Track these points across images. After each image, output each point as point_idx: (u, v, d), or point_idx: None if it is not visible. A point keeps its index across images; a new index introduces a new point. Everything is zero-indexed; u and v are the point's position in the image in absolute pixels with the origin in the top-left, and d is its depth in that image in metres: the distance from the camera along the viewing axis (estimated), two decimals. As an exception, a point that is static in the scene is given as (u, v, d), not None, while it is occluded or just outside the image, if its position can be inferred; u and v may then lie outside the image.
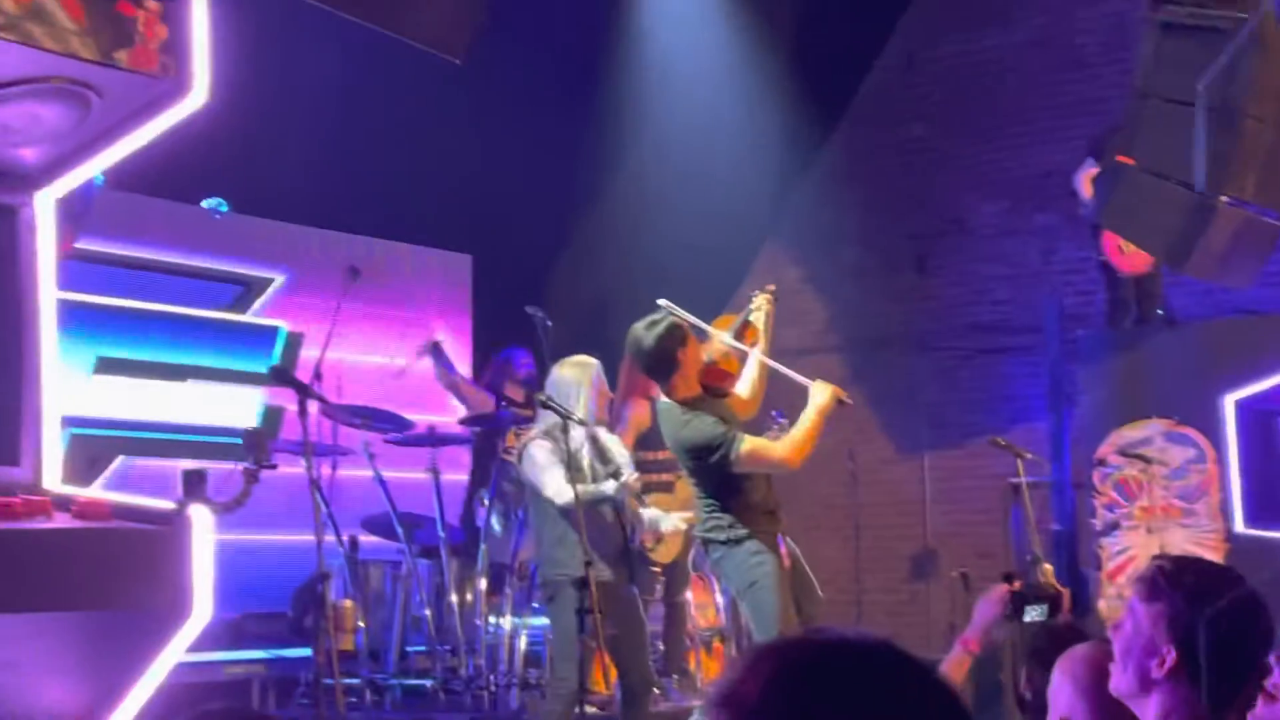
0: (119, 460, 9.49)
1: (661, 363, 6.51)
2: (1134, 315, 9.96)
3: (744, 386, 6.83)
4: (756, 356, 6.78)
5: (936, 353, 11.96)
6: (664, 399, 6.57)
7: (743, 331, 6.85)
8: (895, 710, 1.59)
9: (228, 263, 10.17)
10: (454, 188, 10.41)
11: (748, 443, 6.39)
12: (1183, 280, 9.86)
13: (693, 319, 6.69)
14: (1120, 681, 2.86)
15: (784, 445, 6.48)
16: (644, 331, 6.52)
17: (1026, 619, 4.75)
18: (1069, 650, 3.35)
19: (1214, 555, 9.18)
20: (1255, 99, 8.23)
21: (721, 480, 6.41)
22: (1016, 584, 4.87)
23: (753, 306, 6.97)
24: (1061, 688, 3.21)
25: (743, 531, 6.39)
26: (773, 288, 7.14)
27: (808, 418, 6.50)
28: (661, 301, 6.74)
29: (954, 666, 4.60)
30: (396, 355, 10.61)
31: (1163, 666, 2.79)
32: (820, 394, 6.54)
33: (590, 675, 6.71)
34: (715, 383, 6.70)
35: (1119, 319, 9.98)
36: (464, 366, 11.14)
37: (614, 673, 7.28)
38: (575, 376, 6.87)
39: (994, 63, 12.14)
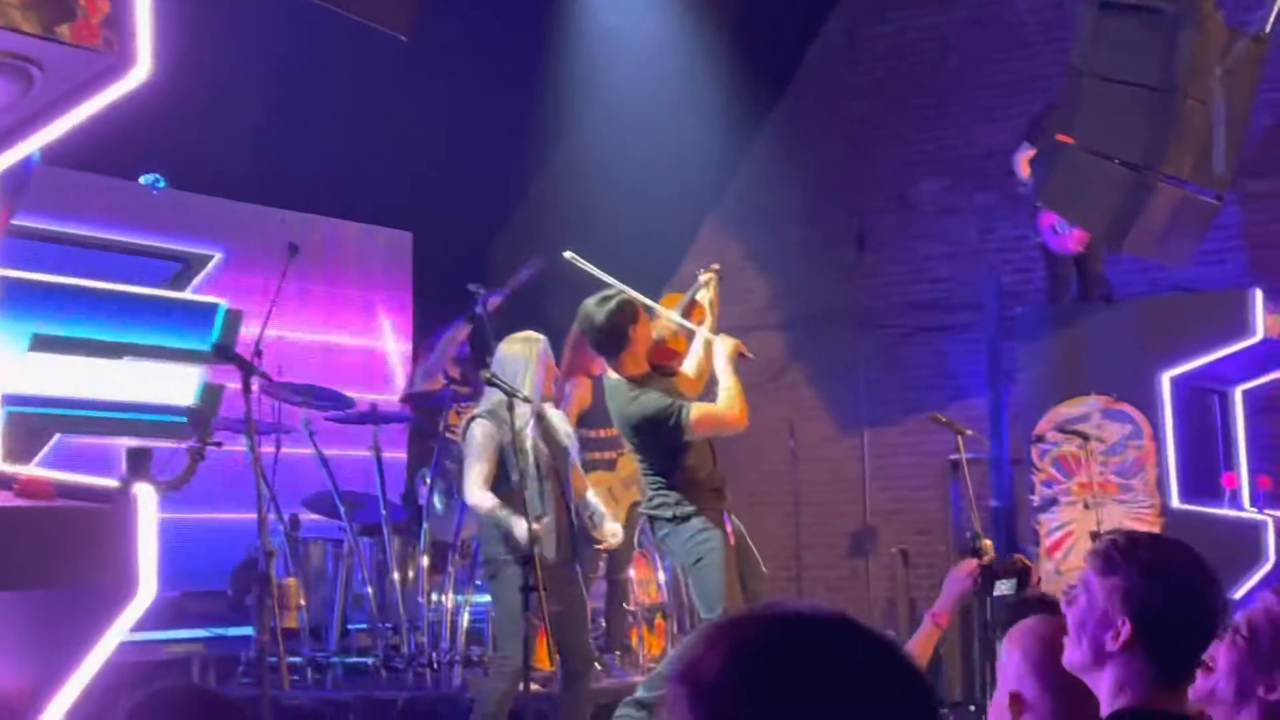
0: (56, 438, 9.40)
1: (612, 339, 6.51)
2: (1075, 293, 10.04)
3: (690, 365, 6.84)
4: (704, 335, 6.79)
5: (877, 330, 12.01)
6: (611, 375, 6.58)
7: (689, 310, 6.86)
8: (855, 683, 1.59)
9: (166, 239, 10.09)
10: (394, 164, 10.37)
11: (696, 409, 6.44)
12: (1121, 258, 9.95)
13: (639, 295, 6.69)
14: (1074, 655, 2.88)
15: (725, 405, 6.51)
16: (595, 307, 6.52)
17: (996, 593, 4.78)
18: (1019, 623, 3.37)
19: (1150, 529, 9.29)
20: (1194, 80, 8.30)
21: (669, 456, 6.43)
22: (985, 558, 4.91)
23: (699, 284, 6.97)
24: (1010, 660, 3.21)
25: (689, 508, 6.42)
26: (718, 266, 7.16)
27: (727, 374, 6.55)
28: (567, 254, 6.75)
29: (923, 640, 4.62)
30: (360, 336, 10.62)
31: (1117, 640, 2.81)
32: (724, 348, 6.61)
33: (534, 653, 6.72)
34: (663, 361, 6.71)
35: (1059, 297, 10.05)
36: (405, 344, 11.12)
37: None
38: (522, 353, 6.83)
39: (935, 40, 12.18)
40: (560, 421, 6.99)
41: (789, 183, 12.45)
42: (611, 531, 7.24)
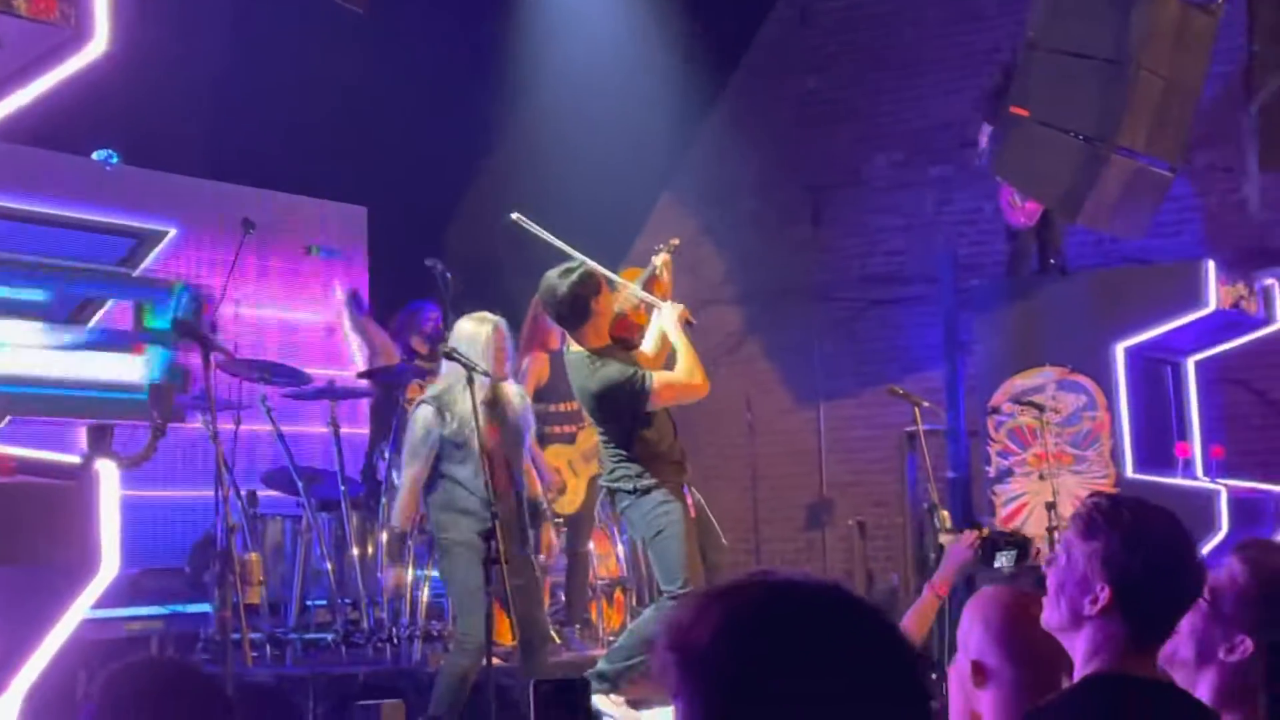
0: (6, 421, 9.32)
1: (574, 310, 6.51)
2: (1034, 266, 10.08)
3: (649, 344, 6.84)
4: (665, 312, 6.79)
5: (832, 303, 12.04)
6: (573, 348, 6.59)
7: (649, 285, 6.87)
8: (847, 652, 1.59)
9: (119, 215, 10.00)
10: (349, 139, 10.31)
11: (659, 377, 6.48)
12: (1075, 230, 10.01)
13: (598, 266, 6.69)
14: (1052, 616, 2.90)
15: (685, 371, 6.54)
16: (557, 279, 6.52)
17: (996, 564, 4.81)
18: (979, 591, 3.38)
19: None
20: (1148, 50, 8.35)
21: (630, 428, 6.45)
22: (985, 530, 4.95)
23: (657, 261, 6.97)
24: (972, 630, 3.22)
25: (650, 481, 6.44)
26: (676, 241, 7.16)
27: (680, 340, 6.59)
28: (514, 216, 6.75)
29: (923, 610, 4.64)
30: (317, 312, 10.57)
31: (1095, 604, 2.83)
32: (671, 314, 6.66)
33: (495, 628, 6.72)
34: (624, 334, 6.72)
35: (1019, 269, 10.10)
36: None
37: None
38: (474, 331, 6.83)
39: (889, 14, 12.20)
40: (517, 399, 6.99)
41: (744, 157, 12.45)
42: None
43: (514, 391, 7.01)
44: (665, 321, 6.65)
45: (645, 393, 6.39)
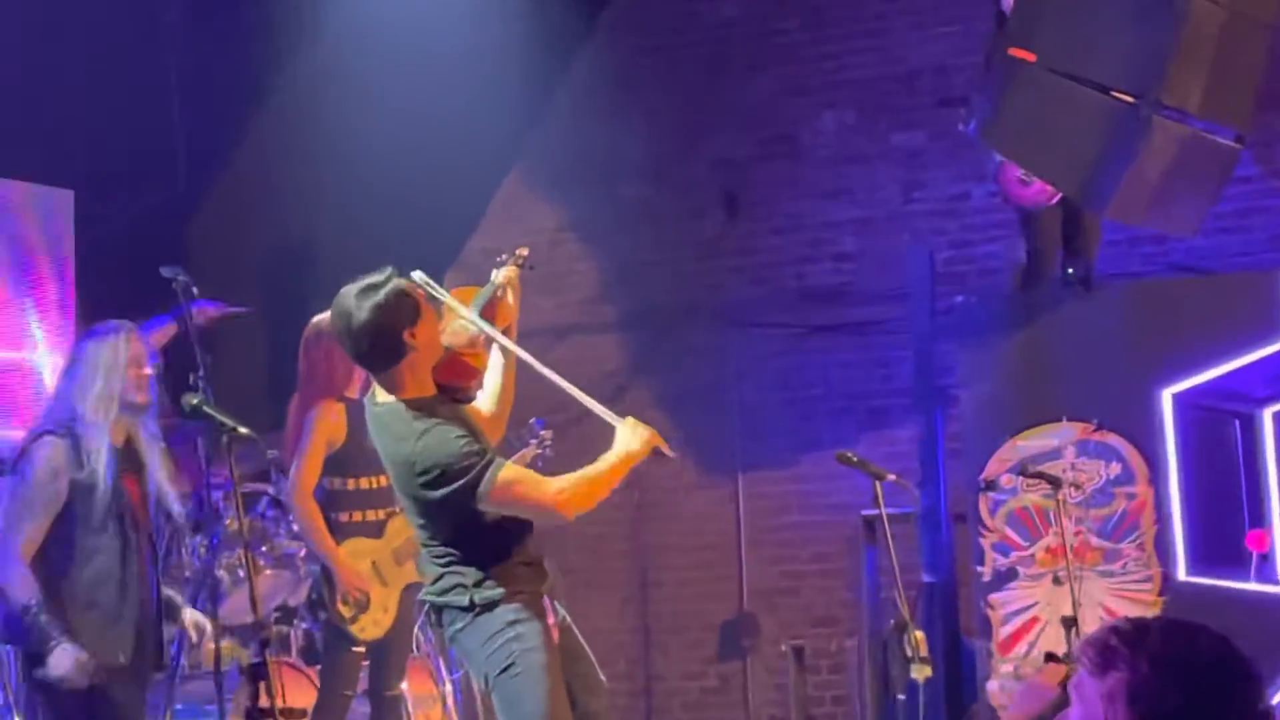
0: None
1: (380, 345, 6.45)
2: (1058, 273, 10.08)
3: (488, 398, 6.81)
4: (511, 350, 6.78)
5: (755, 330, 12.08)
6: (381, 398, 6.56)
7: (489, 311, 6.85)
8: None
9: None
10: (50, 101, 10.37)
11: (507, 470, 6.39)
12: (1103, 226, 10.12)
13: (427, 282, 6.68)
14: None
15: (562, 484, 6.50)
16: (355, 300, 6.47)
17: None
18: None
19: (1147, 613, 9.46)
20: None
21: (463, 519, 6.41)
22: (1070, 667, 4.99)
23: (498, 277, 6.95)
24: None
25: (494, 592, 6.40)
26: (525, 251, 7.15)
27: (608, 462, 6.57)
28: (417, 275, 6.70)
29: None
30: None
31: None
32: (632, 438, 6.64)
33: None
34: (455, 381, 6.67)
35: (1037, 278, 10.10)
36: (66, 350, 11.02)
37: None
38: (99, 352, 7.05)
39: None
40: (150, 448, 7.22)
41: (626, 119, 12.46)
42: (193, 622, 7.43)
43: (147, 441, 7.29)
44: (623, 444, 6.63)
45: (477, 493, 6.33)
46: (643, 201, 12.49)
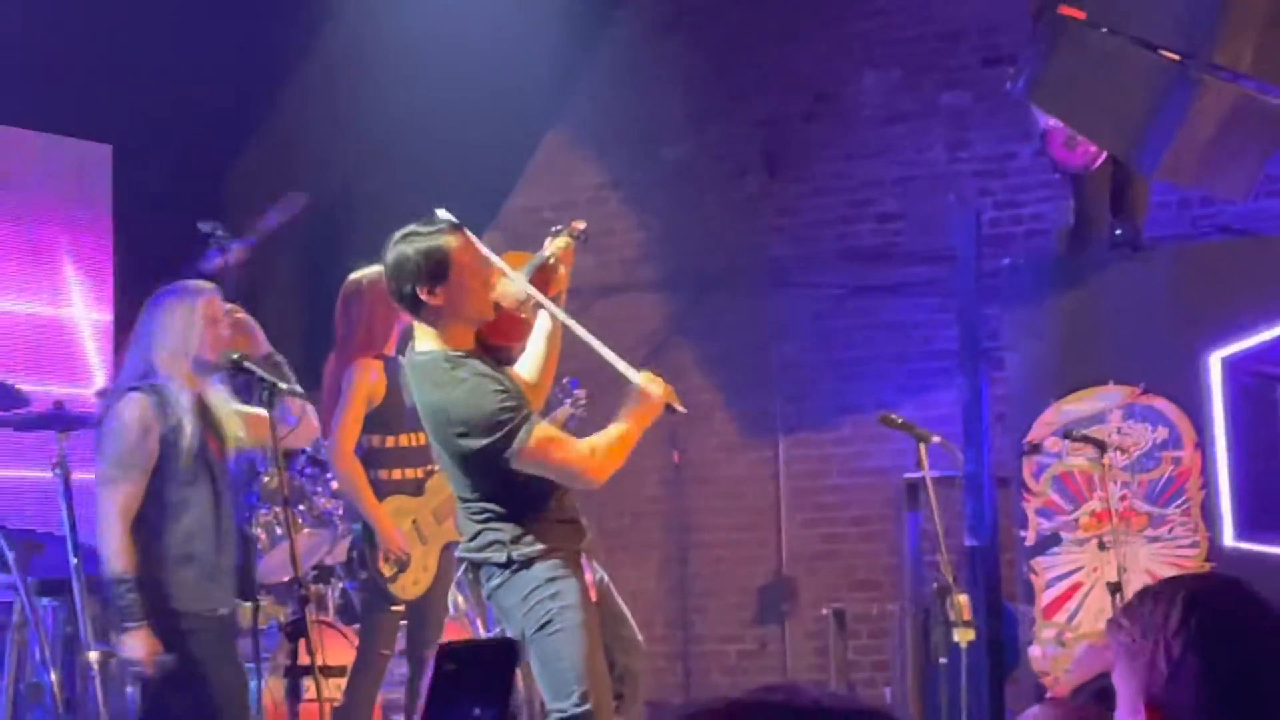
0: None
1: (404, 295, 6.46)
2: (1105, 234, 10.07)
3: (531, 366, 6.81)
4: (557, 318, 6.76)
5: (796, 291, 12.08)
6: (421, 347, 6.53)
7: (538, 277, 6.81)
8: None
9: None
10: (89, 55, 10.37)
11: (541, 430, 6.39)
12: (1150, 187, 10.07)
13: (481, 245, 6.67)
14: None
15: (590, 447, 6.50)
16: (402, 242, 6.48)
17: None
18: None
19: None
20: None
21: (497, 474, 6.40)
22: None
23: (552, 248, 6.89)
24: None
25: (532, 549, 6.40)
26: (581, 225, 7.11)
27: (625, 421, 6.56)
28: (440, 213, 6.68)
29: None
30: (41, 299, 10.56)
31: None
32: (648, 394, 6.62)
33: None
34: (500, 339, 6.65)
35: (1082, 242, 10.09)
36: (104, 311, 11.03)
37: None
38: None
39: None
40: (223, 408, 7.28)
41: (667, 78, 12.47)
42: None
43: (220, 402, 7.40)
44: (640, 400, 6.62)
45: (508, 451, 6.32)
46: (683, 161, 12.49)
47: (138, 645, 7.12)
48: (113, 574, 7.15)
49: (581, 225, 7.08)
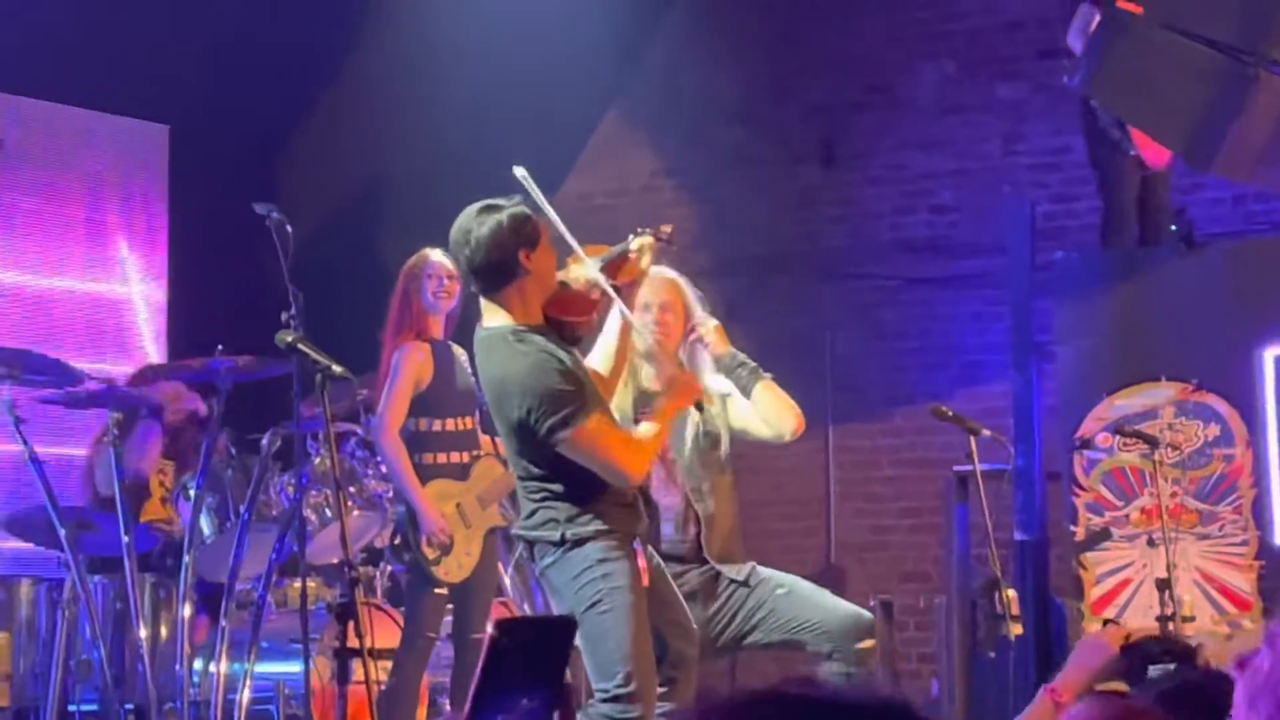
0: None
1: (494, 263, 6.47)
2: (1135, 231, 10.11)
3: (601, 358, 6.83)
4: (623, 313, 6.77)
5: (850, 281, 12.08)
6: (488, 323, 6.55)
7: (613, 268, 6.81)
8: None
9: None
10: (147, 36, 10.44)
11: (596, 419, 6.41)
12: (1205, 182, 10.08)
13: (556, 219, 6.70)
14: None
15: (632, 444, 6.52)
16: (477, 216, 6.50)
17: (1150, 677, 4.89)
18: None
19: (1242, 578, 9.45)
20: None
21: (555, 452, 6.40)
22: (1133, 637, 5.01)
23: (635, 243, 6.88)
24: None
25: (586, 529, 6.39)
26: (669, 228, 7.13)
27: (657, 420, 6.63)
28: (518, 171, 6.74)
29: None
30: (95, 278, 10.61)
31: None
32: (678, 389, 6.75)
33: None
34: (567, 314, 6.63)
35: (1151, 235, 10.05)
36: (158, 288, 11.09)
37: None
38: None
39: None
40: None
41: (723, 67, 12.46)
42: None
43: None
44: (669, 396, 6.71)
45: (559, 435, 6.34)
46: (739, 148, 12.49)
47: None
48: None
49: (668, 229, 7.09)
